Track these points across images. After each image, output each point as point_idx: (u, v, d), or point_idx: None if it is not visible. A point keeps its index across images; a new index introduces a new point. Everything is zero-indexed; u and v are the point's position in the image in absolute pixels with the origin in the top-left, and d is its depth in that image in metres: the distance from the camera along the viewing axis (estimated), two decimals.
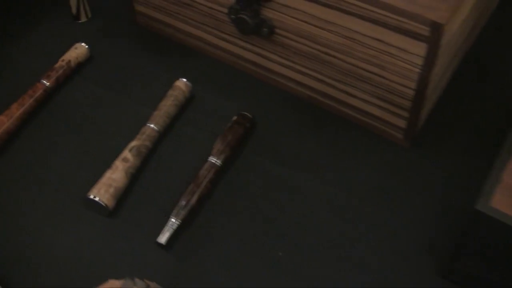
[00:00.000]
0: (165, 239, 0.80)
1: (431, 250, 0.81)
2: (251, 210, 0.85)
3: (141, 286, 0.71)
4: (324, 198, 0.86)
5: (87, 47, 1.02)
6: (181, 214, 0.81)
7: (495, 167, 0.71)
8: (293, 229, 0.83)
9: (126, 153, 0.87)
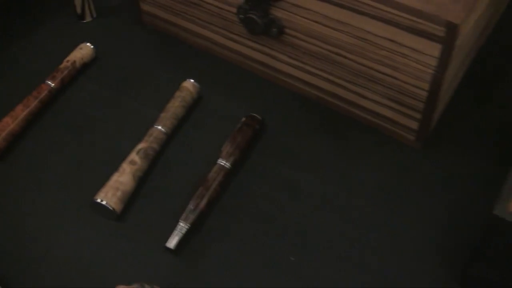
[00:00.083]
0: (174, 243, 0.78)
1: (443, 254, 0.79)
2: (261, 213, 0.83)
3: None
4: (336, 201, 0.84)
5: (92, 47, 1.01)
6: (190, 218, 0.80)
7: None
8: (305, 233, 0.81)
9: (134, 156, 0.85)
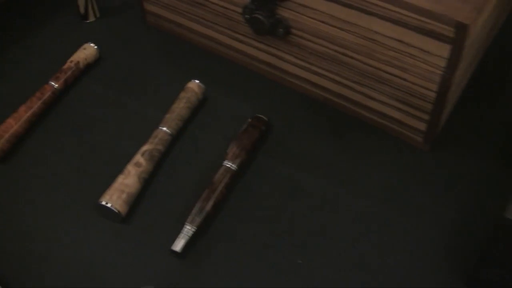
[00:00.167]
0: (180, 246, 0.77)
1: (449, 256, 0.78)
2: (267, 215, 0.82)
3: None
4: (344, 203, 0.84)
5: (96, 47, 1.00)
6: (196, 221, 0.79)
7: None
8: (312, 235, 0.80)
9: (139, 158, 0.85)
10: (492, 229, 0.69)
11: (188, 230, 0.78)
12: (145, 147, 0.86)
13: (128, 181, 0.82)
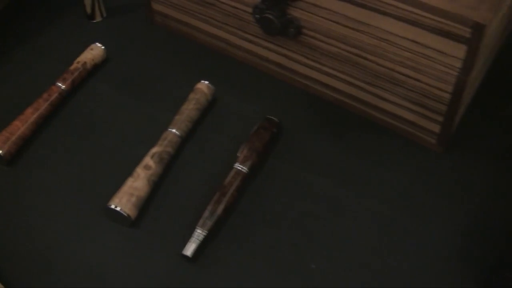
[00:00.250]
0: (191, 251, 0.76)
1: (465, 260, 0.77)
2: (279, 218, 0.81)
3: None
4: (357, 206, 0.82)
5: (103, 48, 0.98)
6: (208, 225, 0.78)
7: None
8: (325, 238, 0.79)
9: (148, 160, 0.83)
10: (510, 234, 0.68)
11: (199, 234, 0.77)
12: (154, 149, 0.84)
13: (137, 184, 0.81)
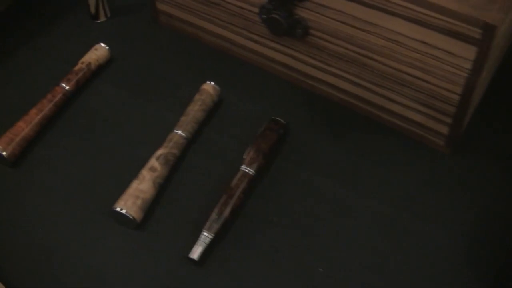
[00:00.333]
0: (198, 254, 0.75)
1: (473, 263, 0.77)
2: (286, 220, 0.80)
3: None
4: (364, 208, 0.81)
5: (108, 48, 0.97)
6: (214, 228, 0.77)
7: None
8: (332, 240, 0.78)
9: (153, 162, 0.82)
10: None
11: (206, 237, 0.76)
12: (160, 151, 0.84)
13: (143, 186, 0.80)
